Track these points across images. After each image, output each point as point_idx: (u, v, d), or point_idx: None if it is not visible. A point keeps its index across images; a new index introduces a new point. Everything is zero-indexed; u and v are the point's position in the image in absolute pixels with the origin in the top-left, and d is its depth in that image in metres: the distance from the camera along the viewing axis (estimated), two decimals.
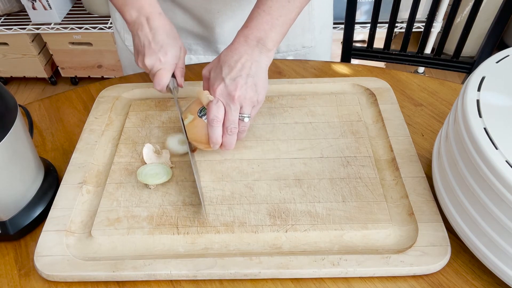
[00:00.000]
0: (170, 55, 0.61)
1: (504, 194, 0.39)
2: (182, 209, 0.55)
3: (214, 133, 0.56)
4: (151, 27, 0.61)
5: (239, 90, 0.55)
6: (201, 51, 0.85)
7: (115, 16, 0.87)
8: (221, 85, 0.56)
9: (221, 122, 0.56)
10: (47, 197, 0.57)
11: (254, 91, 0.56)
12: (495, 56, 0.51)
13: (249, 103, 0.56)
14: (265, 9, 0.57)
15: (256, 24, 0.57)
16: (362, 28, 1.75)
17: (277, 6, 0.57)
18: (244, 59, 0.56)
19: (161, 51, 0.60)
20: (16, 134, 0.50)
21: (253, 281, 0.49)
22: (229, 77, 0.56)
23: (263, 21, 0.57)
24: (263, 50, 0.57)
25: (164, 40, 0.61)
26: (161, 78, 0.61)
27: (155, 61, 0.61)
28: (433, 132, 0.65)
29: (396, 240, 0.51)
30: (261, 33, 0.57)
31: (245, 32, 0.58)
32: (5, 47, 1.95)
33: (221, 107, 0.56)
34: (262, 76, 0.58)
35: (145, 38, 0.61)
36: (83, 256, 0.51)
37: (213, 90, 0.56)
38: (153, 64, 0.61)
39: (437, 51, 1.08)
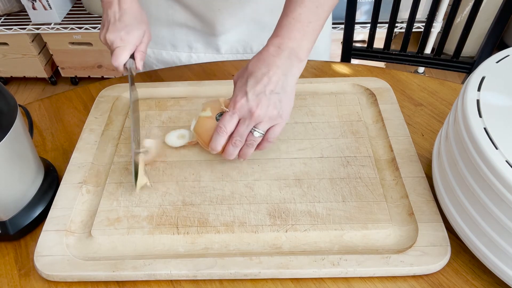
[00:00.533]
0: (132, 35, 0.62)
1: (504, 194, 0.39)
2: (182, 209, 0.55)
3: (216, 139, 0.55)
4: (120, 7, 0.63)
5: (260, 109, 0.52)
6: (202, 48, 0.85)
7: None
8: (243, 100, 0.53)
9: (227, 134, 0.54)
10: (47, 197, 0.57)
11: (277, 109, 0.53)
12: (495, 56, 0.51)
13: (268, 121, 0.54)
14: (295, 17, 0.54)
15: (287, 33, 0.54)
16: (362, 28, 1.76)
17: (307, 13, 0.55)
18: (272, 73, 0.53)
19: (124, 30, 0.62)
20: (16, 134, 0.50)
21: (253, 281, 0.49)
22: (253, 91, 0.53)
23: (294, 29, 0.54)
24: (295, 61, 0.54)
25: (130, 21, 0.62)
26: (119, 55, 0.62)
27: (116, 38, 0.62)
28: (433, 132, 0.65)
29: (396, 240, 0.51)
30: (293, 43, 0.54)
31: (276, 41, 0.54)
32: (5, 47, 1.95)
33: (235, 120, 0.54)
34: (289, 92, 0.54)
35: (112, 16, 0.62)
36: (83, 256, 0.51)
37: (234, 101, 0.54)
38: (113, 40, 0.62)
39: (437, 51, 1.08)
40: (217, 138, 0.55)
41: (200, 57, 0.86)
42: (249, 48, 0.85)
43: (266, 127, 0.55)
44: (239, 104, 0.53)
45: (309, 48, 0.56)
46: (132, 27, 0.62)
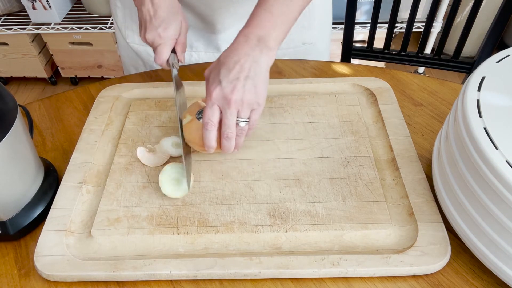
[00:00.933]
0: (170, 30, 0.61)
1: (504, 194, 0.39)
2: (182, 209, 0.55)
3: (208, 136, 0.55)
4: (153, 3, 0.61)
5: (235, 94, 0.53)
6: (202, 47, 0.85)
7: (116, 13, 0.87)
8: (218, 88, 0.54)
9: (215, 126, 0.55)
10: (47, 197, 0.57)
11: (253, 94, 0.54)
12: (495, 56, 0.51)
13: (247, 106, 0.55)
14: (266, 8, 0.56)
15: (257, 23, 0.56)
16: (362, 28, 1.75)
17: (279, 4, 0.56)
18: (244, 60, 0.54)
19: (162, 26, 0.61)
20: (16, 134, 0.50)
21: (253, 281, 0.49)
22: (226, 79, 0.54)
23: (264, 19, 0.56)
24: (264, 49, 0.56)
25: (165, 15, 0.61)
26: (161, 53, 0.61)
27: (155, 36, 0.61)
28: (433, 132, 0.65)
29: (396, 240, 0.51)
30: (262, 31, 0.56)
31: (245, 31, 0.56)
32: (5, 47, 1.95)
33: (216, 111, 0.54)
34: (262, 77, 0.56)
35: (147, 13, 0.62)
36: (83, 256, 0.51)
37: (209, 93, 0.55)
38: (153, 39, 0.61)
39: (437, 51, 1.08)
40: (207, 134, 0.55)
41: (201, 56, 0.86)
42: None
43: (247, 114, 0.55)
44: (215, 93, 0.54)
45: (280, 38, 0.57)
46: (169, 21, 0.61)
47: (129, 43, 0.88)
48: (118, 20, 0.88)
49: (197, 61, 0.85)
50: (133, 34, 0.86)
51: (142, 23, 0.63)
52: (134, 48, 0.87)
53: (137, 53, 0.88)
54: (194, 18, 0.80)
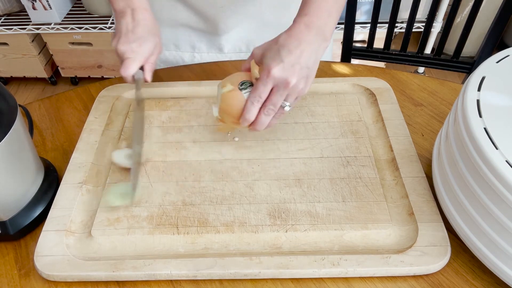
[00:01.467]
0: (144, 47, 0.62)
1: (504, 194, 0.39)
2: (182, 209, 0.55)
3: (251, 110, 0.54)
4: (134, 19, 0.62)
5: (295, 78, 0.52)
6: (205, 48, 0.85)
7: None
8: (279, 66, 0.52)
9: (262, 102, 0.54)
10: (47, 197, 0.57)
11: (304, 83, 0.54)
12: (495, 56, 0.51)
13: (296, 93, 0.55)
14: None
15: (315, 12, 0.55)
16: (362, 28, 1.75)
17: None
18: (305, 47, 0.53)
19: (136, 42, 0.61)
20: (16, 134, 0.50)
21: (253, 281, 0.49)
22: (288, 60, 0.52)
23: (321, 7, 0.55)
24: (322, 41, 0.55)
25: (142, 33, 0.62)
26: (128, 66, 0.61)
27: (126, 49, 0.61)
28: (433, 132, 0.65)
29: (396, 240, 0.51)
30: (321, 21, 0.55)
31: (305, 19, 0.55)
32: (5, 47, 1.95)
33: (269, 88, 0.53)
34: (315, 70, 0.56)
35: (125, 26, 0.62)
36: (83, 256, 0.51)
37: (269, 68, 0.52)
38: (124, 51, 0.61)
39: (437, 51, 1.08)
40: (252, 108, 0.54)
41: (203, 57, 0.86)
42: (252, 47, 0.85)
43: (293, 99, 0.55)
44: (275, 70, 0.52)
45: (333, 27, 0.57)
46: (145, 40, 0.62)
47: None
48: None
49: (200, 61, 0.85)
50: None
51: (117, 32, 0.63)
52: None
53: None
54: (197, 19, 0.80)
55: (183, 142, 0.64)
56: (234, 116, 0.56)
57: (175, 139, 0.64)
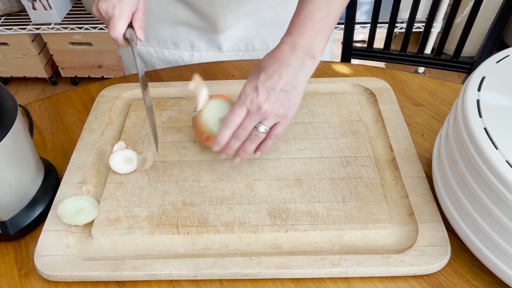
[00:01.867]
0: (126, 1, 0.57)
1: (504, 194, 0.39)
2: (182, 209, 0.55)
3: (224, 132, 0.54)
4: None
5: (268, 104, 0.52)
6: (204, 47, 0.85)
7: None
8: (254, 93, 0.53)
9: (236, 126, 0.54)
10: (47, 197, 0.57)
11: (284, 107, 0.53)
12: (495, 56, 0.51)
13: (274, 117, 0.54)
14: (306, 14, 0.54)
15: (299, 31, 0.54)
16: (362, 28, 1.75)
17: (318, 10, 0.55)
18: (284, 71, 0.53)
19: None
20: (16, 134, 0.50)
21: (253, 281, 0.49)
22: (263, 87, 0.52)
23: (306, 27, 0.54)
24: (308, 60, 0.54)
25: None
26: (115, 25, 0.57)
27: (108, 6, 0.57)
28: (433, 132, 0.65)
29: (396, 240, 0.51)
30: (306, 41, 0.54)
31: (289, 40, 0.54)
32: (5, 47, 1.95)
33: (243, 112, 0.53)
34: (298, 91, 0.54)
35: None
36: (83, 256, 0.51)
37: (245, 94, 0.53)
38: (107, 9, 0.57)
39: (437, 51, 1.08)
40: (225, 130, 0.54)
41: (202, 55, 0.86)
42: (251, 46, 0.85)
43: (271, 124, 0.54)
44: (250, 97, 0.53)
45: (323, 45, 0.56)
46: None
47: None
48: None
49: (199, 61, 0.85)
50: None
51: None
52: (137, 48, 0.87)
53: (139, 53, 0.88)
54: (195, 17, 0.80)
55: (183, 142, 0.64)
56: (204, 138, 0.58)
57: (175, 139, 0.64)
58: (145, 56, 0.87)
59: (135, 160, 0.60)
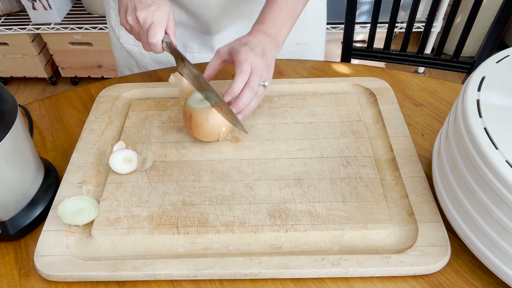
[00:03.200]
0: (163, 9, 0.59)
1: (504, 194, 0.39)
2: (182, 209, 0.55)
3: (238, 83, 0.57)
4: None
5: (265, 60, 0.58)
6: (197, 48, 0.85)
7: (110, 13, 0.86)
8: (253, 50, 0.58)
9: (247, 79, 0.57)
10: (47, 197, 0.57)
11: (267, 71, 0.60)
12: (495, 56, 0.51)
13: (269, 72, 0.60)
14: (277, 7, 0.63)
15: (270, 22, 0.63)
16: (362, 28, 1.75)
17: (287, 3, 0.63)
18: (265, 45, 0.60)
19: (154, 5, 0.59)
20: (16, 134, 0.50)
21: (253, 281, 0.49)
22: (256, 49, 0.58)
23: (276, 18, 0.63)
24: (274, 45, 0.62)
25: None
26: (156, 32, 0.58)
27: (148, 14, 0.58)
28: (433, 132, 0.65)
29: (396, 240, 0.51)
30: (275, 30, 0.62)
31: (262, 27, 0.62)
32: (5, 47, 1.94)
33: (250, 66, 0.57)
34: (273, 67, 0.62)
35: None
36: (83, 256, 0.51)
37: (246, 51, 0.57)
38: (146, 17, 0.58)
39: (437, 51, 1.08)
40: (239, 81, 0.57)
41: (195, 56, 0.86)
42: None
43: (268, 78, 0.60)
44: (251, 54, 0.57)
45: (286, 35, 0.65)
46: (160, 2, 0.60)
47: (122, 44, 0.87)
48: (111, 20, 0.87)
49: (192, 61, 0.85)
50: (127, 35, 0.86)
51: (128, 4, 0.60)
52: (128, 48, 0.87)
53: (130, 54, 0.88)
54: (189, 18, 0.80)
55: (183, 142, 0.64)
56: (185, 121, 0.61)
57: (175, 139, 0.64)
58: (138, 57, 0.87)
59: (135, 160, 0.60)
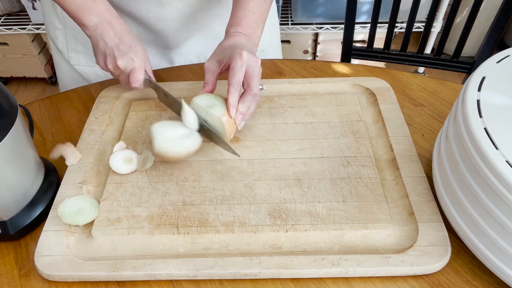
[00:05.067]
0: (140, 53, 0.63)
1: (504, 194, 0.39)
2: (182, 209, 0.55)
3: (233, 94, 0.58)
4: (115, 32, 0.63)
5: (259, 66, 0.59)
6: (156, 62, 0.84)
7: (56, 35, 0.84)
8: (245, 52, 0.58)
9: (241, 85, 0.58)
10: (47, 197, 0.57)
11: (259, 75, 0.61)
12: (495, 56, 0.51)
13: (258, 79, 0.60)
14: (250, 9, 0.65)
15: (245, 23, 0.64)
16: (362, 28, 1.75)
17: (258, 5, 0.65)
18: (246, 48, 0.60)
19: (131, 51, 0.62)
20: (16, 134, 0.50)
21: (253, 281, 0.49)
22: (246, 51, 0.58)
23: (250, 20, 0.65)
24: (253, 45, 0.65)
25: (131, 41, 0.63)
26: (137, 75, 0.62)
27: (127, 61, 0.62)
28: (433, 132, 0.65)
29: (396, 240, 0.51)
30: (250, 31, 0.64)
31: (239, 29, 0.64)
32: (5, 47, 1.95)
33: (244, 71, 0.58)
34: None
35: (112, 42, 0.62)
36: (83, 256, 0.51)
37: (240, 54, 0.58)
38: (126, 64, 0.62)
39: (437, 51, 1.08)
40: (234, 91, 0.58)
41: None
42: (203, 57, 0.86)
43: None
44: (245, 54, 0.58)
45: (260, 36, 0.67)
46: (136, 46, 0.63)
47: (73, 65, 0.85)
48: (58, 43, 0.84)
49: None
50: (77, 55, 0.83)
51: (106, 51, 0.62)
52: (79, 70, 0.85)
53: (82, 75, 0.85)
54: (146, 32, 0.79)
55: None
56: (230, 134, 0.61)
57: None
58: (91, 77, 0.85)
59: (135, 160, 0.60)
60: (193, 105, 0.61)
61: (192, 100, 0.61)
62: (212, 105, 0.59)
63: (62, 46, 0.84)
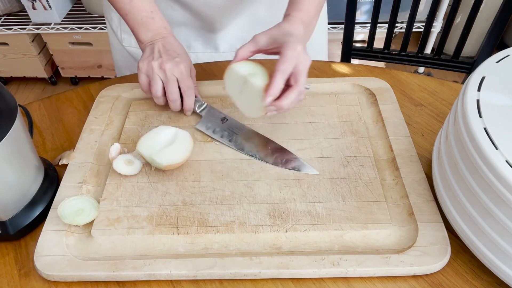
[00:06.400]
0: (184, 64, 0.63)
1: (504, 194, 0.39)
2: (182, 209, 0.55)
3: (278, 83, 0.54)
4: (166, 43, 0.65)
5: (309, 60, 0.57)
6: (201, 47, 0.85)
7: (111, 16, 0.86)
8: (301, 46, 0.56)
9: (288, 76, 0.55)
10: (47, 197, 0.57)
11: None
12: (495, 56, 0.51)
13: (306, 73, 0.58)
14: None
15: (307, 10, 0.62)
16: (362, 28, 1.75)
17: None
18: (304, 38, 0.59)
19: (179, 57, 0.63)
20: (16, 134, 0.50)
21: (253, 281, 0.49)
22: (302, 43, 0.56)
23: (311, 7, 0.62)
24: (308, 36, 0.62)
25: (179, 50, 0.65)
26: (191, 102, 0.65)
27: (173, 64, 0.62)
28: (433, 132, 0.65)
29: (396, 240, 0.51)
30: (309, 20, 0.62)
31: (300, 15, 0.61)
32: (5, 47, 1.95)
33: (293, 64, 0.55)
34: None
35: (162, 47, 0.64)
36: (83, 256, 0.51)
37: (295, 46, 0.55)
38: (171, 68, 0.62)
39: (437, 51, 1.09)
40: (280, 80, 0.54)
41: (199, 56, 0.86)
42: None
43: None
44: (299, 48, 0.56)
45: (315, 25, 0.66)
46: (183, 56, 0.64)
47: (125, 47, 0.87)
48: (113, 24, 0.87)
49: (195, 61, 0.85)
50: (129, 37, 0.85)
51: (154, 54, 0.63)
52: (131, 51, 0.87)
53: (132, 56, 0.87)
54: (192, 17, 0.80)
55: None
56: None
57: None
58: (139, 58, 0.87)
59: (136, 161, 0.60)
60: (232, 72, 0.58)
61: (231, 67, 0.58)
62: (254, 74, 0.57)
63: (116, 27, 0.86)
